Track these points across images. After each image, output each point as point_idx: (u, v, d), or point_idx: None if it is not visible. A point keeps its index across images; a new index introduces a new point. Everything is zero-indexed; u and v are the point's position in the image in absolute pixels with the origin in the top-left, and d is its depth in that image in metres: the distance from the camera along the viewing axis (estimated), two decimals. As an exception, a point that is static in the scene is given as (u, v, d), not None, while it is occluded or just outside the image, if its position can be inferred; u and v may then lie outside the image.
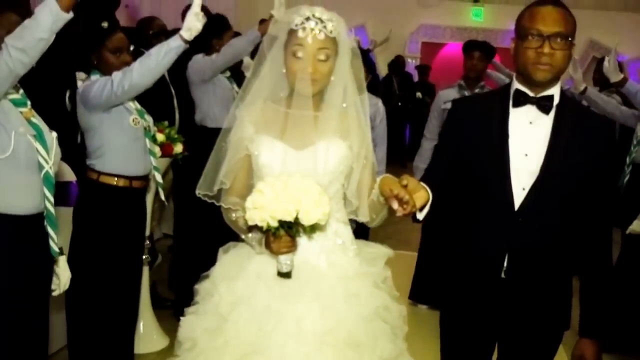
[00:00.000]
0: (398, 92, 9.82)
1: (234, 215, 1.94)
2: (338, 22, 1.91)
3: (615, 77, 3.45)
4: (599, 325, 1.94)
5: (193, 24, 2.52)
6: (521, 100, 1.88)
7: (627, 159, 4.03)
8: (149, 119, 2.97)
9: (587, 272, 1.95)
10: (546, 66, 1.80)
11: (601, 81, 4.80)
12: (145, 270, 3.39)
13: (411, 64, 10.86)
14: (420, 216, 1.86)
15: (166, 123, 3.40)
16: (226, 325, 1.85)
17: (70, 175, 3.13)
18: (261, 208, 1.75)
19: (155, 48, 2.61)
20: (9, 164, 2.06)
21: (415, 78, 10.54)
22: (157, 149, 3.11)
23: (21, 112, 2.15)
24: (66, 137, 2.53)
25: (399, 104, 9.71)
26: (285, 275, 1.86)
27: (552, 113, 1.87)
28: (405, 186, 1.72)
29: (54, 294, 2.31)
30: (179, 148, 3.41)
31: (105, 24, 2.81)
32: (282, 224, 1.77)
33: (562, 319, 1.97)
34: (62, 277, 2.29)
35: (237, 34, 4.00)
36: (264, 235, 1.86)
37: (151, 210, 3.37)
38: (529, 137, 1.87)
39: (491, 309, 1.95)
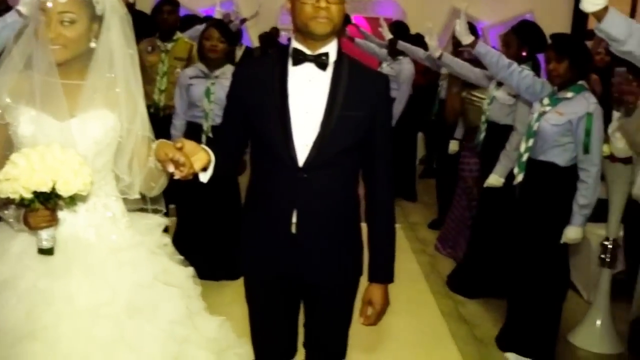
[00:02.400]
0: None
1: None
2: None
3: (466, 39, 3.59)
4: (386, 270, 2.04)
5: None
6: (300, 58, 1.92)
7: (482, 117, 4.28)
8: None
9: (373, 221, 2.03)
10: (324, 19, 1.84)
11: (459, 44, 5.02)
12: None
13: (284, 36, 10.87)
14: (204, 178, 1.88)
15: None
16: None
17: None
18: (14, 179, 1.67)
19: None
20: None
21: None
22: None
23: None
24: None
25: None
26: (47, 251, 1.79)
27: (330, 70, 1.93)
28: (180, 148, 1.73)
29: None
30: None
31: None
32: (38, 195, 1.69)
33: (355, 266, 2.06)
34: None
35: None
36: (20, 211, 1.77)
37: None
38: (308, 95, 1.92)
39: (287, 266, 1.99)
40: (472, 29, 4.33)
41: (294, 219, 1.95)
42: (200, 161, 1.82)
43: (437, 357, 3.43)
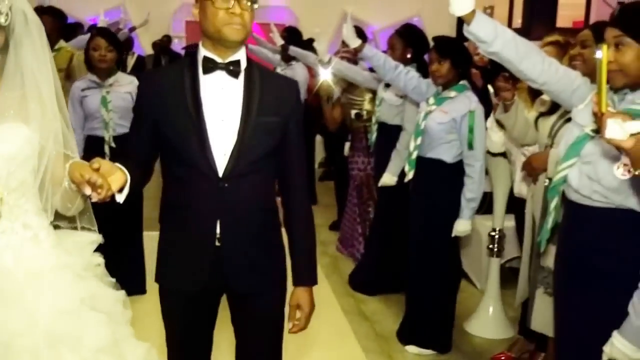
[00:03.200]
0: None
1: None
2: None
3: (353, 42, 3.67)
4: (310, 273, 2.05)
5: None
6: (210, 67, 1.87)
7: (373, 119, 4.39)
8: None
9: (293, 227, 2.03)
10: (239, 26, 1.80)
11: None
12: None
13: (177, 44, 10.71)
14: (120, 199, 1.78)
15: None
16: None
17: None
18: None
19: None
20: None
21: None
22: None
23: None
24: None
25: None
26: None
27: (242, 77, 1.90)
28: (97, 169, 1.63)
29: None
30: None
31: None
32: None
33: (280, 272, 2.06)
34: None
35: None
36: None
37: None
38: (223, 103, 1.88)
39: (212, 278, 1.95)
40: (361, 32, 4.45)
41: (218, 230, 1.90)
42: (118, 182, 1.72)
43: (341, 355, 3.49)
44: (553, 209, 2.20)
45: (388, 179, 4.05)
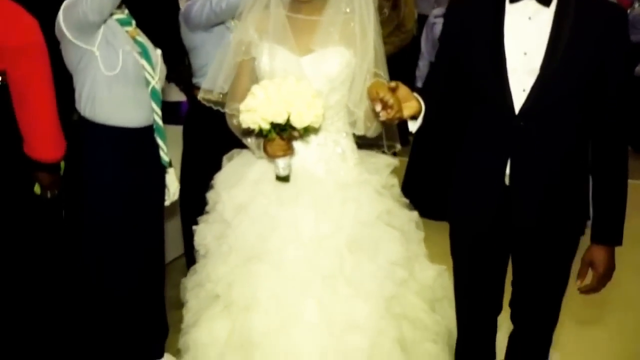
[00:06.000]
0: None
1: (235, 121, 1.97)
2: None
3: None
4: (613, 230, 1.80)
5: None
6: None
7: None
8: None
9: (600, 176, 1.80)
10: None
11: None
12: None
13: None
14: (413, 127, 1.80)
15: None
16: (229, 230, 1.93)
17: (179, 96, 3.28)
18: (253, 110, 1.77)
19: None
20: (120, 80, 2.21)
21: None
22: None
23: (127, 31, 2.27)
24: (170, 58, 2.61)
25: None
26: (284, 179, 1.89)
27: (553, 5, 1.72)
28: (393, 90, 1.67)
29: (165, 204, 2.49)
30: None
31: None
32: (274, 126, 1.78)
33: (575, 225, 1.86)
34: (172, 187, 2.47)
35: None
36: (260, 140, 1.89)
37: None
38: (527, 34, 1.73)
39: (499, 219, 1.85)
40: None
41: (508, 170, 1.80)
42: (410, 109, 1.75)
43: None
44: None
45: None
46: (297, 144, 1.93)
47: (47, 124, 2.26)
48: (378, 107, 1.67)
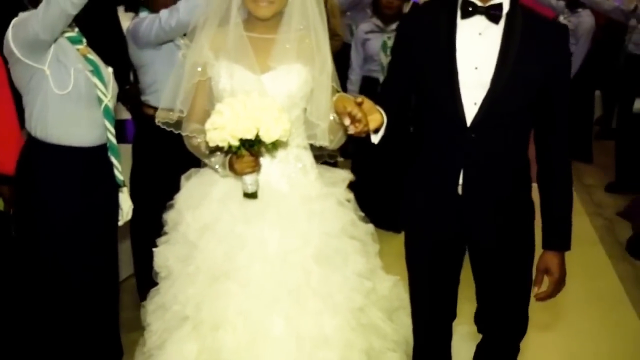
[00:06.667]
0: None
1: (195, 141, 1.96)
2: None
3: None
4: (563, 237, 1.89)
5: None
6: (469, 10, 1.77)
7: None
8: None
9: (547, 184, 1.88)
10: None
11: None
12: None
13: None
14: (375, 139, 1.84)
15: None
16: (196, 251, 1.92)
17: (125, 114, 3.23)
18: (221, 128, 1.76)
19: None
20: (72, 99, 2.18)
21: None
22: None
23: (78, 49, 2.24)
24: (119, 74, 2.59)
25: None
26: (251, 195, 1.89)
27: (502, 22, 1.77)
28: (360, 104, 1.69)
29: (119, 224, 2.45)
30: None
31: None
32: (244, 142, 1.78)
33: (526, 230, 1.92)
34: (125, 206, 2.43)
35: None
36: (226, 158, 1.89)
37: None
38: (478, 49, 1.78)
39: (453, 228, 1.90)
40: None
41: (461, 180, 1.85)
42: (375, 122, 1.77)
43: (614, 323, 3.27)
44: None
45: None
46: (260, 161, 1.93)
47: (10, 137, 2.22)
48: (347, 121, 1.69)
